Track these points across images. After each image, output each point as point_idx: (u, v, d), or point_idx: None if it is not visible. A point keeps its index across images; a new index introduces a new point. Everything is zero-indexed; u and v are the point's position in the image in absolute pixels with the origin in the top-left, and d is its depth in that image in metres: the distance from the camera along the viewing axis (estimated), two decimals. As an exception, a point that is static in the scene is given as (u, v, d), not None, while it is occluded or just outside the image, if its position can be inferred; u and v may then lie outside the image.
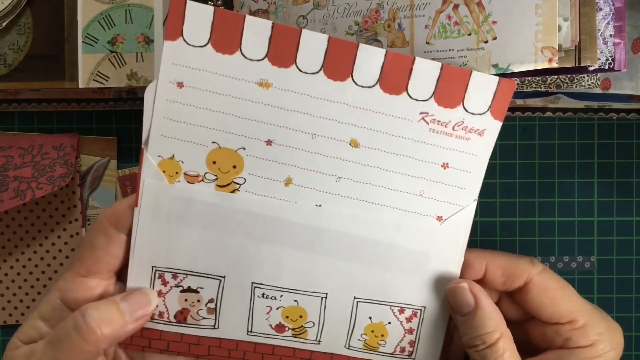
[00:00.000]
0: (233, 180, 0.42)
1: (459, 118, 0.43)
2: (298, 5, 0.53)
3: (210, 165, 0.42)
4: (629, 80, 0.53)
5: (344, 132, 0.42)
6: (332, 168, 0.43)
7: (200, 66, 0.41)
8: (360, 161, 0.43)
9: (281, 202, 0.43)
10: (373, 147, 0.43)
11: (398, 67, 0.42)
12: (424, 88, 0.42)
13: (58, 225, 0.60)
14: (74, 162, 0.58)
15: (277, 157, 0.42)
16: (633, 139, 0.60)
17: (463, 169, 0.43)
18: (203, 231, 0.43)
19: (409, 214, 0.43)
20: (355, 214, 0.43)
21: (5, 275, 0.60)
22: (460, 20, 0.47)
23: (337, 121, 0.42)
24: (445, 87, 0.42)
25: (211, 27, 0.40)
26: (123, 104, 0.59)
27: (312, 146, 0.42)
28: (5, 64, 0.54)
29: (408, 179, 0.43)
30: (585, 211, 0.60)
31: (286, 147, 0.42)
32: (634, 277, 0.60)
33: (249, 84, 0.41)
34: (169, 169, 0.42)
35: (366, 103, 0.42)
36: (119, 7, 0.53)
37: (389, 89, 0.42)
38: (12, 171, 0.57)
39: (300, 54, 0.41)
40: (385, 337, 0.45)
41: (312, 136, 0.42)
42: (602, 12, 0.47)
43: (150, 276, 0.43)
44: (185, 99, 0.41)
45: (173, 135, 0.42)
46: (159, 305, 0.44)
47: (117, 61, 0.53)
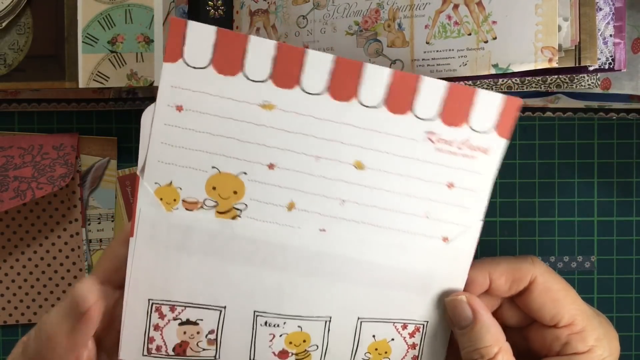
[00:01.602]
0: (234, 207, 0.41)
1: (465, 136, 0.42)
2: (298, 5, 0.53)
3: (210, 191, 0.41)
4: (629, 80, 0.53)
5: (348, 153, 0.41)
6: (336, 191, 0.42)
7: (201, 88, 0.40)
8: (364, 183, 0.42)
9: (284, 227, 0.42)
10: (378, 169, 0.42)
11: (404, 86, 0.41)
12: (430, 107, 0.41)
13: (58, 225, 0.60)
14: (74, 162, 0.58)
15: (280, 182, 0.41)
16: (633, 139, 0.60)
17: (468, 188, 0.43)
18: (203, 260, 0.42)
19: (414, 235, 0.43)
20: (359, 238, 0.42)
21: (6, 275, 0.60)
22: (460, 20, 0.47)
23: (341, 143, 0.41)
24: (451, 105, 0.41)
25: (213, 47, 0.39)
26: (123, 104, 0.59)
27: (316, 169, 0.41)
28: (5, 64, 0.54)
29: (413, 201, 0.42)
30: (585, 211, 0.60)
31: (289, 170, 0.41)
32: (634, 277, 0.60)
33: (251, 106, 0.40)
34: (166, 196, 0.41)
35: (371, 123, 0.41)
36: (119, 7, 0.53)
37: (394, 109, 0.41)
38: (12, 171, 0.57)
39: (305, 75, 0.40)
40: (388, 354, 0.45)
41: (315, 159, 0.41)
42: (602, 12, 0.47)
43: (146, 309, 0.42)
44: (185, 123, 0.40)
45: (171, 161, 0.41)
46: (156, 339, 0.43)
47: (117, 61, 0.53)
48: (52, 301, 0.60)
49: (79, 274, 0.60)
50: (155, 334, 0.43)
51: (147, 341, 0.43)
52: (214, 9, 0.56)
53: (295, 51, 0.40)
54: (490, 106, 0.42)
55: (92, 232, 0.60)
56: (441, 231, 0.43)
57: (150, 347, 0.43)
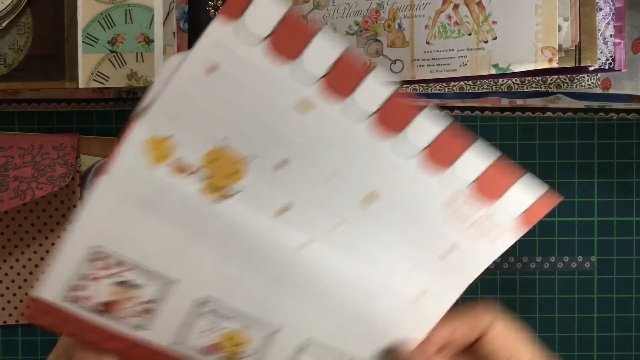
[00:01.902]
0: (230, 185, 0.39)
1: (489, 214, 0.41)
2: (298, 5, 0.53)
3: (210, 160, 0.38)
4: (629, 80, 0.53)
5: (366, 184, 0.39)
6: (333, 215, 0.40)
7: (249, 56, 0.36)
8: (367, 218, 0.40)
9: (270, 226, 0.40)
10: (387, 210, 0.40)
11: (451, 144, 0.39)
12: (468, 172, 0.40)
13: (58, 225, 0.60)
14: (74, 162, 0.58)
15: (285, 181, 0.39)
16: (633, 139, 0.60)
17: (461, 263, 0.42)
18: (170, 228, 0.39)
19: (389, 286, 0.42)
20: (337, 267, 0.41)
21: (6, 275, 0.60)
22: (460, 20, 0.47)
23: (365, 171, 0.39)
24: (490, 179, 0.40)
25: (278, 23, 0.36)
26: (123, 104, 0.59)
27: (325, 185, 0.39)
28: (5, 64, 0.54)
29: (404, 254, 0.41)
30: (585, 211, 0.60)
31: (299, 174, 0.39)
32: (634, 277, 0.60)
33: (291, 97, 0.37)
34: (158, 150, 0.37)
35: (404, 167, 0.39)
36: (119, 7, 0.53)
37: (432, 161, 0.39)
38: (12, 171, 0.57)
39: (361, 90, 0.37)
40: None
41: (330, 175, 0.39)
42: (602, 12, 0.47)
43: (87, 254, 0.38)
44: (214, 84, 0.36)
45: (180, 116, 0.37)
46: (85, 289, 0.39)
47: (117, 61, 0.53)
48: (52, 301, 0.60)
49: (79, 274, 0.60)
50: (85, 282, 0.39)
51: (72, 287, 0.39)
52: (214, 9, 0.56)
53: (360, 63, 0.38)
54: (527, 194, 0.41)
55: (92, 232, 0.60)
56: (416, 291, 0.42)
57: (75, 294, 0.39)
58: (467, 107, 0.58)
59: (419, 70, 0.49)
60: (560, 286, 0.60)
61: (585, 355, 0.60)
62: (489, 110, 0.58)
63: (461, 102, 0.58)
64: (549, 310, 0.60)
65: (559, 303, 0.60)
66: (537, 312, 0.60)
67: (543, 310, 0.60)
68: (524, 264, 0.60)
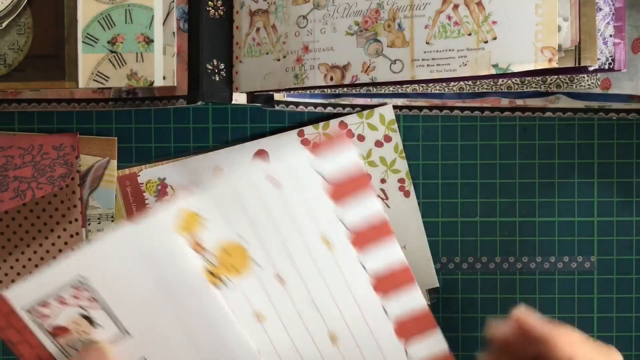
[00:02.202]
0: (228, 277, 0.42)
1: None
2: (298, 5, 0.53)
3: (223, 250, 0.42)
4: (629, 80, 0.53)
5: (338, 328, 0.44)
6: (307, 339, 0.44)
7: (310, 186, 0.42)
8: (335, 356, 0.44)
9: (242, 328, 0.43)
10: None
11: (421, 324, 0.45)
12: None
13: (58, 225, 0.60)
14: (74, 162, 0.58)
15: (276, 295, 0.43)
16: (633, 139, 0.60)
17: None
18: (159, 288, 0.41)
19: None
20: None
21: (6, 276, 0.60)
22: (460, 20, 0.47)
23: (344, 314, 0.44)
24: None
25: (347, 174, 0.43)
26: (123, 104, 0.59)
27: (309, 312, 0.44)
28: (5, 64, 0.54)
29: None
30: (585, 211, 0.60)
31: (289, 294, 0.43)
32: (634, 277, 0.60)
33: (324, 229, 0.43)
34: (188, 222, 0.41)
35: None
36: (119, 7, 0.53)
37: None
38: (12, 171, 0.57)
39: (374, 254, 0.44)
40: None
41: (315, 306, 0.44)
42: (602, 12, 0.47)
43: (71, 281, 0.41)
44: (269, 196, 0.42)
45: (223, 207, 0.41)
46: (50, 308, 0.41)
47: (117, 61, 0.53)
48: (52, 301, 0.60)
49: (79, 274, 0.60)
50: (54, 303, 0.41)
51: (42, 303, 0.41)
52: (214, 9, 0.56)
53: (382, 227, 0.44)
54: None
55: (92, 232, 0.60)
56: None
57: (39, 309, 0.41)
58: (467, 107, 0.58)
59: (419, 70, 0.49)
60: (560, 286, 0.60)
61: (585, 355, 0.60)
62: (489, 110, 0.58)
63: (461, 102, 0.58)
64: (549, 310, 0.60)
65: (559, 303, 0.60)
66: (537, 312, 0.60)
67: (543, 310, 0.60)
68: (524, 264, 0.60)
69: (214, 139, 0.60)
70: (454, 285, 0.60)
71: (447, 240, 0.60)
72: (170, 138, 0.60)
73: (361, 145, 0.59)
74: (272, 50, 0.55)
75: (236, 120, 0.60)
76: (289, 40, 0.54)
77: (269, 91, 0.56)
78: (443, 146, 0.60)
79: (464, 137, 0.60)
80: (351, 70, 0.51)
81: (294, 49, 0.53)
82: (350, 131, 0.59)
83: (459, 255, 0.60)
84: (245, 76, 0.56)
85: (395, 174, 0.59)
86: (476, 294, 0.60)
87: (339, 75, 0.52)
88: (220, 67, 0.57)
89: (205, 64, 0.56)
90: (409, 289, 0.44)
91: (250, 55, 0.56)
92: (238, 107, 0.60)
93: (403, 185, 0.59)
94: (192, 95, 0.56)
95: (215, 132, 0.60)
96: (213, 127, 0.60)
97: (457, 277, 0.60)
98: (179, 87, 0.57)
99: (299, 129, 0.59)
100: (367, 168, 0.59)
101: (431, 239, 0.59)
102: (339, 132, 0.44)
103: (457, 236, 0.60)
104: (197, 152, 0.60)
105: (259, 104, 0.58)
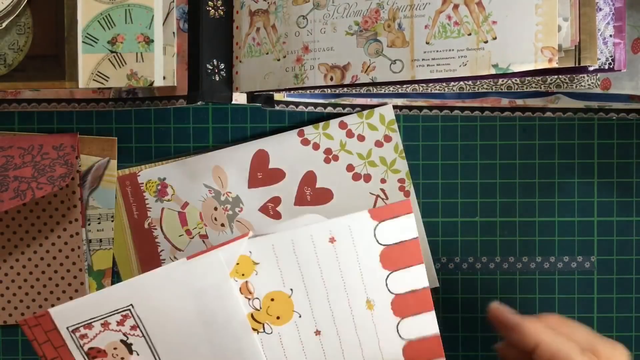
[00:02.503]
0: (269, 324, 0.43)
1: None
2: (298, 5, 0.53)
3: (268, 298, 0.43)
4: (629, 80, 0.53)
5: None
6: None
7: (365, 249, 0.43)
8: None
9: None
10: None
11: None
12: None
13: (58, 225, 0.60)
14: (74, 162, 0.58)
15: (311, 346, 0.44)
16: (633, 139, 0.60)
17: None
18: (202, 324, 0.42)
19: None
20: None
21: (5, 275, 0.60)
22: (460, 20, 0.47)
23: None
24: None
25: (399, 242, 0.45)
26: (123, 104, 0.59)
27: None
28: (5, 64, 0.54)
29: None
30: (585, 211, 0.60)
31: (323, 350, 0.44)
32: (634, 277, 0.60)
33: (371, 296, 0.44)
34: (243, 268, 0.42)
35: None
36: (119, 7, 0.53)
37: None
38: (12, 171, 0.57)
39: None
40: None
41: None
42: (602, 12, 0.47)
43: (119, 307, 0.42)
44: (324, 251, 0.43)
45: (278, 257, 0.42)
46: (92, 330, 0.42)
47: (117, 61, 0.53)
48: (52, 301, 0.60)
49: (79, 274, 0.60)
50: (97, 326, 0.42)
51: (85, 325, 0.42)
52: (214, 9, 0.56)
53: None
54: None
55: (92, 232, 0.60)
56: None
57: (80, 329, 0.42)
58: (467, 107, 0.58)
59: (419, 70, 0.49)
60: (560, 286, 0.60)
61: (585, 355, 0.60)
62: (489, 110, 0.58)
63: (461, 102, 0.58)
64: (549, 310, 0.60)
65: (559, 303, 0.60)
66: (537, 312, 0.60)
67: (543, 310, 0.60)
68: (524, 264, 0.60)
69: (214, 139, 0.60)
70: (454, 285, 0.60)
71: (447, 240, 0.60)
72: (170, 138, 0.60)
73: (361, 145, 0.59)
74: (272, 50, 0.55)
75: (236, 120, 0.60)
76: (289, 40, 0.54)
77: (269, 91, 0.56)
78: (443, 146, 0.60)
79: (464, 137, 0.60)
80: (351, 70, 0.51)
81: (294, 49, 0.53)
82: (351, 131, 0.59)
83: (459, 255, 0.60)
84: (245, 76, 0.56)
85: (395, 174, 0.59)
86: (476, 294, 0.60)
87: (339, 75, 0.52)
88: (220, 67, 0.57)
89: (205, 64, 0.56)
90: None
91: (250, 55, 0.56)
92: (238, 107, 0.60)
93: (403, 185, 0.59)
94: (192, 95, 0.56)
95: (215, 132, 0.60)
96: (213, 127, 0.60)
97: (457, 277, 0.60)
98: (179, 87, 0.57)
99: (299, 129, 0.59)
100: (367, 168, 0.59)
101: (431, 239, 0.59)
102: (403, 200, 0.45)
103: (457, 236, 0.60)
104: (197, 152, 0.60)
105: (259, 104, 0.58)
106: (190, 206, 0.60)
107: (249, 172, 0.59)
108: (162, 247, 0.60)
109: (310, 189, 0.59)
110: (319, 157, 0.59)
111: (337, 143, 0.59)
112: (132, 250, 0.60)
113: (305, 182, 0.59)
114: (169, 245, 0.60)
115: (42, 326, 0.42)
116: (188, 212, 0.60)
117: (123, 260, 0.60)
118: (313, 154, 0.59)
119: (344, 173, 0.59)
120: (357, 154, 0.59)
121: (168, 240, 0.60)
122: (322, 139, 0.59)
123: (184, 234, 0.60)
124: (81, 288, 0.60)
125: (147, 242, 0.60)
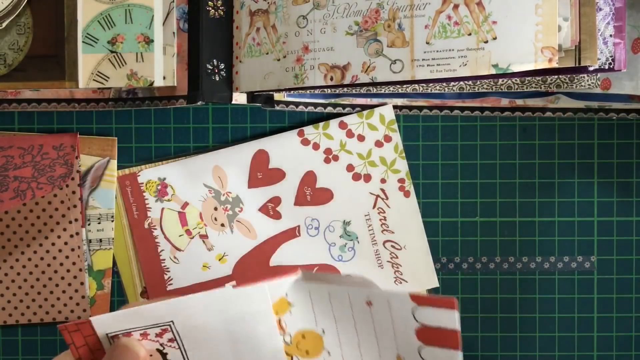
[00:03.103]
0: (296, 357, 0.43)
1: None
2: (298, 5, 0.53)
3: (300, 334, 0.43)
4: (629, 80, 0.54)
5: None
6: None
7: (399, 312, 0.42)
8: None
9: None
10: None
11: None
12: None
13: (58, 225, 0.60)
14: (74, 162, 0.58)
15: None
16: (633, 139, 0.60)
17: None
18: (228, 349, 0.43)
19: None
20: None
21: (5, 275, 0.60)
22: (460, 20, 0.47)
23: None
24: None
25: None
26: (123, 104, 0.59)
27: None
28: (5, 64, 0.54)
29: None
30: (585, 211, 0.60)
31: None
32: (634, 277, 0.60)
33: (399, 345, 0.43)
34: (279, 307, 0.42)
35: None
36: (119, 7, 0.53)
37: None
38: (12, 171, 0.57)
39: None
40: None
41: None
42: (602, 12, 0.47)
43: (160, 321, 0.43)
44: (361, 312, 0.42)
45: (314, 306, 0.42)
46: (134, 336, 0.43)
47: (117, 61, 0.53)
48: (52, 301, 0.60)
49: (79, 274, 0.60)
50: (136, 335, 0.43)
51: (124, 333, 0.43)
52: (214, 9, 0.56)
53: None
54: None
55: (92, 232, 0.60)
56: None
57: (120, 337, 0.42)
58: (467, 107, 0.58)
59: (419, 70, 0.49)
60: (560, 286, 0.60)
61: (585, 355, 0.60)
62: (489, 110, 0.58)
63: (461, 102, 0.58)
64: (549, 310, 0.60)
65: (559, 303, 0.60)
66: (537, 312, 0.60)
67: (543, 310, 0.60)
68: (524, 264, 0.60)
69: (214, 139, 0.60)
70: (454, 285, 0.60)
71: (447, 240, 0.60)
72: (170, 138, 0.60)
73: (361, 145, 0.59)
74: (272, 50, 0.55)
75: (236, 120, 0.60)
76: (289, 40, 0.54)
77: (269, 91, 0.56)
78: (443, 146, 0.60)
79: (464, 137, 0.60)
80: (351, 70, 0.51)
81: (294, 49, 0.53)
82: (351, 131, 0.59)
83: (459, 255, 0.60)
84: (245, 76, 0.56)
85: (395, 174, 0.59)
86: (476, 294, 0.60)
87: (339, 75, 0.52)
88: (220, 67, 0.57)
89: (205, 64, 0.56)
90: None
91: (250, 55, 0.56)
92: (238, 107, 0.60)
93: (403, 185, 0.59)
94: (192, 95, 0.56)
95: (215, 132, 0.60)
96: (213, 127, 0.60)
97: (457, 277, 0.60)
98: (179, 87, 0.57)
99: (299, 129, 0.59)
100: (367, 168, 0.59)
101: (431, 239, 0.59)
102: (447, 297, 0.45)
103: (457, 236, 0.60)
104: (197, 152, 0.60)
105: (259, 104, 0.58)
106: (190, 206, 0.60)
107: (249, 172, 0.59)
108: (162, 247, 0.60)
109: (310, 189, 0.59)
110: (319, 157, 0.59)
111: (337, 143, 0.59)
112: (132, 250, 0.60)
113: (305, 182, 0.59)
114: (169, 245, 0.60)
115: (82, 332, 0.43)
116: (188, 212, 0.60)
117: (123, 260, 0.60)
118: (313, 154, 0.59)
119: (344, 173, 0.59)
120: (357, 154, 0.59)
121: (168, 240, 0.60)
122: (322, 139, 0.59)
123: (184, 234, 0.60)
124: (81, 288, 0.60)
125: (147, 242, 0.60)
